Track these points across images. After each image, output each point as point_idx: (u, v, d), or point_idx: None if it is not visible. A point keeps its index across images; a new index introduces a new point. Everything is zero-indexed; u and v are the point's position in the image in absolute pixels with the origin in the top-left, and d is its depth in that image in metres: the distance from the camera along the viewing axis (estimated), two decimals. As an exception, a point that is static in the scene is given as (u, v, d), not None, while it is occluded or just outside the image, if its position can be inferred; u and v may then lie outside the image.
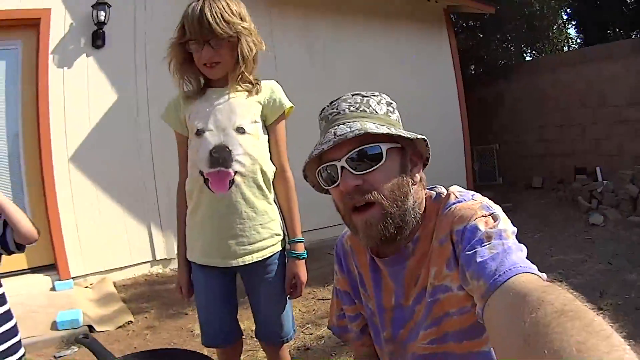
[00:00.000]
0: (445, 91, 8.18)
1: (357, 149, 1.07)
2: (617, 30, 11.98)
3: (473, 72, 11.98)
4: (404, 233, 1.12)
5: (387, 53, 7.37)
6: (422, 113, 6.76)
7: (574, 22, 13.65)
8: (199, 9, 1.72)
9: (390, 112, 1.17)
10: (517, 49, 12.40)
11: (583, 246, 5.27)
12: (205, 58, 1.77)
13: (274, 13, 6.24)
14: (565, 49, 13.78)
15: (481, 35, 11.62)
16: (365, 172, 1.07)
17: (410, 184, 1.12)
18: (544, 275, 0.85)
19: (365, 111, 1.13)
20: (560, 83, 8.90)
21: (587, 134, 8.49)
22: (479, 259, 0.91)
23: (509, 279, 0.83)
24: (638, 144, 7.69)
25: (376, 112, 1.14)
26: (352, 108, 1.13)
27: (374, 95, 1.17)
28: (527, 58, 13.21)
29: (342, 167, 1.08)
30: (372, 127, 1.06)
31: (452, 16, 9.02)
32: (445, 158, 7.02)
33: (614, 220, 6.12)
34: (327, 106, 1.19)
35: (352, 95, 1.17)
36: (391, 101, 1.20)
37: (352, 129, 1.05)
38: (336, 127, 1.09)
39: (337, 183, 1.10)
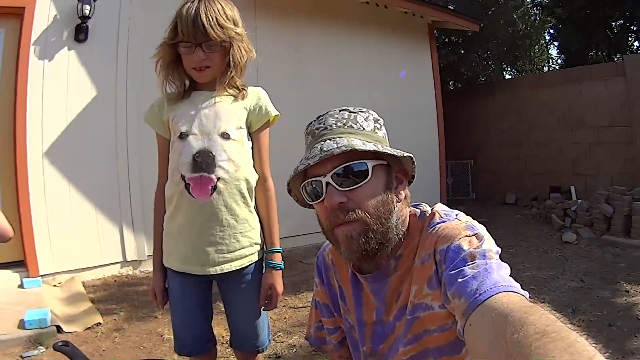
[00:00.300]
0: (424, 105, 8.29)
1: (343, 165, 1.07)
2: (600, 53, 12.22)
3: (452, 88, 12.13)
4: (386, 249, 1.11)
5: (369, 64, 7.45)
6: (399, 125, 6.81)
7: (556, 43, 13.90)
8: (194, 10, 1.69)
9: (377, 128, 1.17)
10: (497, 66, 12.59)
11: (556, 263, 5.35)
12: (195, 61, 1.74)
13: (260, 19, 6.23)
14: (546, 69, 14.03)
15: (463, 52, 11.77)
16: (350, 188, 1.07)
17: (394, 201, 1.11)
18: (527, 294, 0.85)
19: (353, 127, 1.13)
20: (540, 102, 9.06)
21: (564, 153, 8.65)
22: (460, 278, 0.90)
23: (490, 297, 0.83)
24: (615, 165, 7.87)
25: (363, 128, 1.14)
26: (339, 124, 1.13)
27: (362, 112, 1.17)
28: (507, 76, 13.40)
29: (328, 183, 1.07)
30: (358, 143, 1.06)
31: (435, 31, 9.13)
32: (420, 171, 7.10)
33: (587, 238, 6.24)
34: (314, 121, 1.18)
35: (340, 110, 1.17)
36: (378, 118, 1.20)
37: (339, 144, 1.05)
38: (323, 142, 1.09)
39: (321, 198, 1.09)
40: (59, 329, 3.66)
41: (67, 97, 5.04)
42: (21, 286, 4.55)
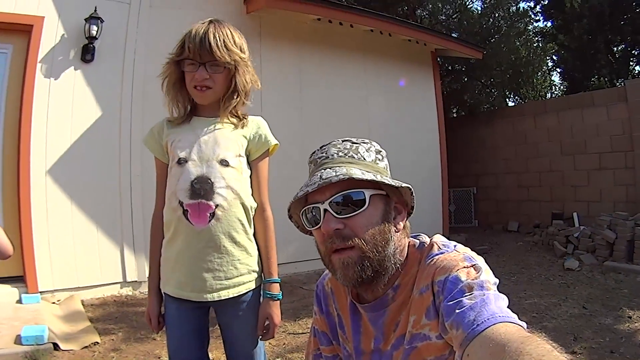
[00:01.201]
0: (426, 132, 8.32)
1: (341, 193, 1.10)
2: (602, 78, 12.29)
3: (455, 115, 12.18)
4: (382, 278, 1.13)
5: (371, 91, 7.50)
6: (401, 152, 6.88)
7: (559, 70, 13.98)
8: (203, 30, 1.73)
9: (379, 159, 1.19)
10: (500, 94, 12.66)
11: (558, 290, 5.32)
12: (197, 80, 1.75)
13: (265, 48, 6.30)
14: (549, 95, 14.10)
15: (466, 79, 11.84)
16: (347, 216, 1.09)
17: (392, 231, 1.13)
18: (524, 325, 0.86)
19: (354, 157, 1.15)
20: (542, 129, 9.09)
21: (566, 179, 8.64)
22: (458, 309, 0.91)
23: (487, 328, 0.84)
24: (617, 191, 7.87)
25: (364, 158, 1.16)
26: (340, 153, 1.16)
27: (364, 143, 1.20)
28: (510, 103, 13.47)
29: (325, 210, 1.10)
30: (357, 172, 1.09)
31: (438, 59, 9.20)
32: (422, 198, 7.19)
33: (590, 265, 6.22)
34: (317, 150, 1.21)
35: (343, 141, 1.20)
36: (380, 149, 1.22)
37: (338, 173, 1.08)
38: (323, 170, 1.12)
39: (319, 225, 1.11)
40: (55, 346, 3.64)
41: (71, 117, 5.08)
42: (19, 302, 4.54)
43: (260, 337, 1.89)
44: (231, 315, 1.86)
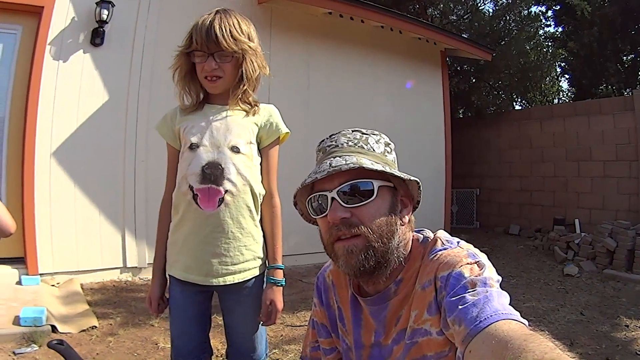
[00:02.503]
0: (432, 132, 8.30)
1: (349, 182, 1.09)
2: (610, 87, 12.26)
3: (462, 116, 12.15)
4: (384, 270, 1.12)
5: (378, 88, 7.49)
6: (406, 150, 6.84)
7: (567, 76, 13.94)
8: (209, 21, 1.74)
9: (388, 152, 1.19)
10: (508, 97, 12.63)
11: (556, 295, 5.32)
12: (207, 70, 1.77)
13: (275, 39, 6.29)
14: (556, 101, 14.06)
15: (474, 80, 11.81)
16: (354, 205, 1.09)
17: (397, 223, 1.13)
18: (527, 323, 0.87)
19: (363, 147, 1.15)
20: (548, 134, 9.09)
21: (570, 186, 8.64)
22: (461, 305, 0.91)
23: (490, 324, 0.84)
24: (620, 199, 7.87)
25: (373, 150, 1.16)
26: (350, 143, 1.16)
27: (374, 134, 1.20)
28: (517, 107, 13.42)
29: (333, 199, 1.10)
30: (367, 162, 1.09)
31: (448, 59, 9.17)
32: (424, 198, 7.24)
33: (589, 272, 6.22)
34: (326, 139, 1.21)
35: (352, 131, 1.20)
36: (389, 142, 1.23)
37: (348, 162, 1.08)
38: (332, 158, 1.12)
39: (325, 213, 1.11)
40: (53, 328, 3.66)
41: (79, 100, 5.08)
42: (19, 283, 4.56)
43: (262, 322, 1.90)
44: (234, 300, 1.87)
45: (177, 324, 1.90)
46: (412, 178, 1.14)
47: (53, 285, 4.72)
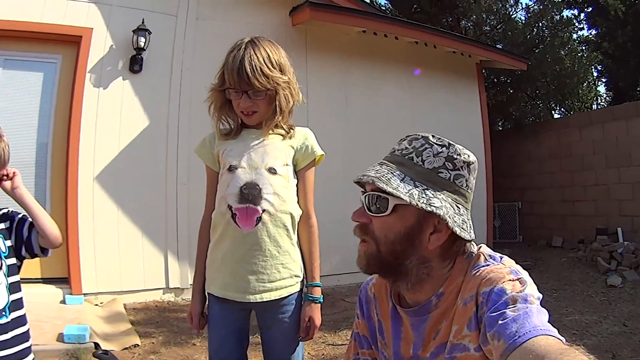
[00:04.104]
0: (471, 145, 8.05)
1: (372, 192, 1.13)
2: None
3: (501, 128, 11.97)
4: (399, 283, 1.16)
5: (415, 103, 7.42)
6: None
7: (604, 80, 13.63)
8: (239, 60, 1.77)
9: (445, 168, 1.13)
10: (545, 105, 12.40)
11: (599, 307, 5.20)
12: (243, 107, 1.83)
13: (310, 60, 6.35)
14: (594, 106, 13.74)
15: (511, 91, 11.64)
16: (372, 215, 1.14)
17: (416, 245, 1.12)
18: (564, 339, 0.88)
19: (411, 160, 1.14)
20: (587, 142, 8.87)
21: (611, 193, 8.40)
22: (501, 320, 0.93)
23: (528, 340, 0.86)
24: (663, 206, 7.59)
25: (422, 164, 1.13)
26: (403, 152, 1.17)
27: (439, 145, 1.15)
28: (556, 115, 13.16)
29: (362, 201, 1.16)
30: (394, 179, 1.10)
31: (483, 71, 9.08)
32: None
33: (632, 281, 6.06)
34: (401, 139, 1.22)
35: (420, 137, 1.18)
36: (456, 157, 1.14)
37: (376, 173, 1.12)
38: (378, 164, 1.17)
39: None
40: (96, 346, 3.73)
41: (120, 125, 5.27)
42: (63, 302, 4.70)
43: (300, 338, 1.93)
44: (272, 318, 1.90)
45: (215, 340, 1.94)
46: (427, 208, 1.07)
47: (96, 305, 4.85)
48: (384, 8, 13.14)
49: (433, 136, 1.17)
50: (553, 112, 13.27)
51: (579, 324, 4.64)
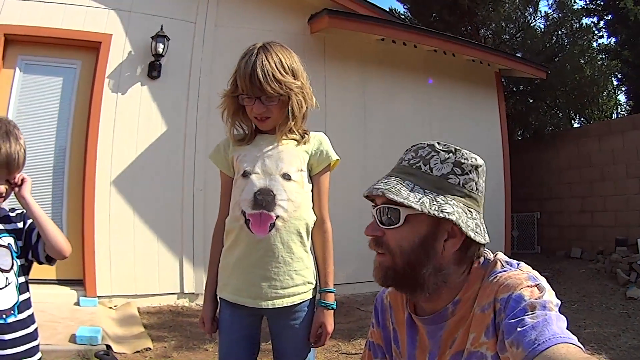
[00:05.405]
0: (490, 155, 8.04)
1: (384, 205, 1.14)
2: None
3: (520, 137, 11.85)
4: (418, 293, 1.15)
5: (433, 111, 7.39)
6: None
7: (624, 88, 13.45)
8: (250, 66, 1.77)
9: (454, 174, 1.14)
10: (565, 115, 12.26)
11: (618, 320, 5.11)
12: (256, 112, 1.83)
13: (329, 67, 6.36)
14: (614, 115, 13.55)
15: (531, 101, 11.54)
16: (384, 227, 1.14)
17: (431, 253, 1.12)
18: (583, 347, 0.88)
19: (420, 169, 1.15)
20: (607, 151, 8.75)
21: (631, 204, 8.26)
22: (520, 327, 0.92)
23: (548, 347, 0.86)
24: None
25: (430, 171, 1.14)
26: (411, 161, 1.17)
27: (445, 152, 1.16)
28: (575, 124, 13.00)
29: (374, 215, 1.17)
30: (402, 190, 1.10)
31: (503, 80, 9.00)
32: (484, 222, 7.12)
33: (651, 293, 5.92)
34: (407, 150, 1.23)
35: (426, 145, 1.19)
36: (464, 161, 1.15)
37: (385, 185, 1.12)
38: (387, 176, 1.17)
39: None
40: (108, 348, 3.76)
41: (137, 130, 5.34)
42: (77, 304, 4.75)
43: (312, 344, 1.92)
44: (283, 325, 1.90)
45: (225, 346, 1.94)
46: (440, 215, 1.08)
47: (110, 308, 4.89)
48: (402, 17, 13.11)
49: (439, 143, 1.18)
50: (572, 121, 13.11)
51: (597, 336, 4.56)
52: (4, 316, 1.63)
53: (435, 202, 1.09)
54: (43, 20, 4.99)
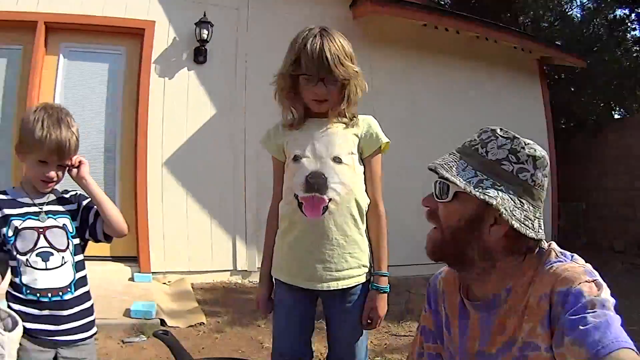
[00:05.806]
0: (535, 142, 7.92)
1: (440, 179, 1.18)
2: None
3: (564, 126, 11.64)
4: (465, 272, 1.23)
5: (477, 97, 7.30)
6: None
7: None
8: (318, 46, 1.76)
9: (508, 161, 1.13)
10: (606, 105, 12.00)
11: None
12: (317, 94, 1.83)
13: (373, 54, 6.26)
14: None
15: (573, 90, 11.31)
16: (438, 200, 1.19)
17: (474, 235, 1.14)
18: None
19: (477, 151, 1.17)
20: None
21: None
22: (582, 326, 0.94)
23: (612, 352, 0.88)
24: None
25: (486, 155, 1.15)
26: (471, 143, 1.20)
27: (505, 138, 1.16)
28: (616, 115, 12.70)
29: (432, 187, 1.20)
30: (456, 168, 1.15)
31: (545, 68, 8.83)
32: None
33: (696, 289, 5.82)
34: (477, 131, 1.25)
35: (489, 129, 1.19)
36: (520, 150, 1.15)
37: (438, 161, 1.18)
38: (448, 154, 1.21)
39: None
40: (162, 322, 3.93)
41: (186, 113, 5.50)
42: (132, 279, 4.93)
43: (364, 327, 1.95)
44: (338, 308, 1.91)
45: (280, 325, 1.99)
46: (481, 197, 1.09)
47: (164, 284, 5.07)
48: (442, 2, 12.96)
49: (501, 129, 1.18)
50: (613, 111, 12.80)
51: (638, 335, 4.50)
52: (61, 293, 1.74)
53: (481, 184, 1.10)
54: (83, 8, 5.15)
